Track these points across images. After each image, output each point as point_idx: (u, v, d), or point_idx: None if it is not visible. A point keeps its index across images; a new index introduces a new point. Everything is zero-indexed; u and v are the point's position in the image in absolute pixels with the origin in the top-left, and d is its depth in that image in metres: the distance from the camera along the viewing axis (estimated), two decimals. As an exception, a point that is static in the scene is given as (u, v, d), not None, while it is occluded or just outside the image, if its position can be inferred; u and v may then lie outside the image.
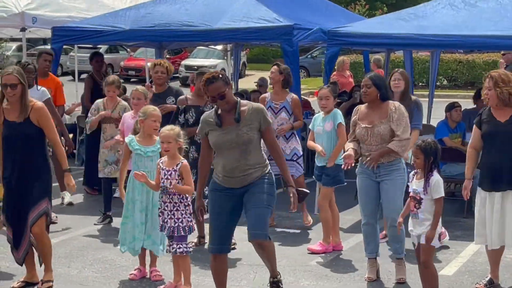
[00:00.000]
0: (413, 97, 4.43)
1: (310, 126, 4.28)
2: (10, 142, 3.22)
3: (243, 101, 3.01)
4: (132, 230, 3.47)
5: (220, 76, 2.88)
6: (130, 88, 8.95)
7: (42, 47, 20.07)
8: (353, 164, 3.46)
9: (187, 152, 4.18)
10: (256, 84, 7.21)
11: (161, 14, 6.20)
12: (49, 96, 5.04)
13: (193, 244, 4.11)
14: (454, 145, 5.28)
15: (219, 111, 2.88)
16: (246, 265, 3.82)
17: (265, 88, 6.97)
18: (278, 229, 4.52)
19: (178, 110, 4.29)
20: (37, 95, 4.49)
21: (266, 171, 2.95)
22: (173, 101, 4.70)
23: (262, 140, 2.96)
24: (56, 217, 4.65)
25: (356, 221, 4.78)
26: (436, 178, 2.96)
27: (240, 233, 3.38)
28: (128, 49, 19.48)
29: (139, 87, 4.70)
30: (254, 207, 2.87)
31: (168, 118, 4.20)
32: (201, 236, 4.24)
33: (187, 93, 5.14)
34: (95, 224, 4.84)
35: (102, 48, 14.81)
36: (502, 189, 3.21)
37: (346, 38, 5.67)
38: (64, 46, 7.89)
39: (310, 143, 4.24)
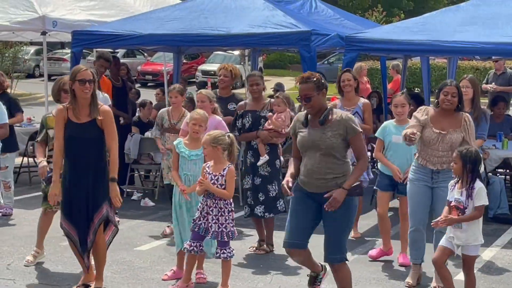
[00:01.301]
0: (483, 107, 4.36)
1: (378, 135, 4.03)
2: (73, 144, 3.16)
3: (335, 109, 3.02)
4: (182, 231, 3.52)
5: (314, 79, 2.85)
6: (147, 92, 9.10)
7: (60, 51, 20.64)
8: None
9: (244, 157, 4.25)
10: (272, 89, 7.27)
11: (180, 19, 6.30)
12: (110, 102, 4.89)
13: (254, 248, 4.18)
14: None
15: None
16: (263, 268, 3.86)
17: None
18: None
19: (237, 115, 4.23)
20: (102, 101, 4.44)
21: None
22: (234, 107, 4.56)
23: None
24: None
25: (372, 225, 4.83)
26: (479, 186, 2.98)
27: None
28: (145, 54, 19.68)
29: (203, 90, 4.67)
30: (332, 230, 2.85)
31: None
32: (261, 240, 4.24)
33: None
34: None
35: (120, 52, 15.00)
36: None
37: (364, 43, 5.72)
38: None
39: (379, 155, 4.01)
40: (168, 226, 4.51)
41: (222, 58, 18.14)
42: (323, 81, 2.91)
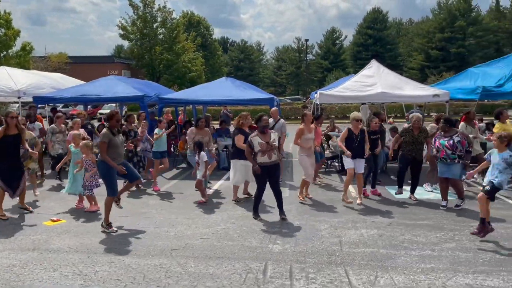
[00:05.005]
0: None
1: None
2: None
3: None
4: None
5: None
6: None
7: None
8: None
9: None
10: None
11: (88, 89, 13.97)
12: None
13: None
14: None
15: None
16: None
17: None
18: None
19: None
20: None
21: None
22: None
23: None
24: None
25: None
26: None
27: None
28: (72, 105, 28.38)
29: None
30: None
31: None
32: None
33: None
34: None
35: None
36: None
37: (167, 100, 13.70)
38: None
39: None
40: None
41: (109, 107, 31.10)
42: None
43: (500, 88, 10.62)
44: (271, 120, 11.03)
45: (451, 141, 7.87)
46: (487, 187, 6.22)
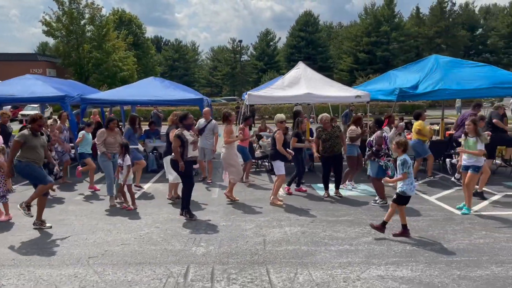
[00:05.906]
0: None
1: None
2: None
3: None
4: None
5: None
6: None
7: None
8: None
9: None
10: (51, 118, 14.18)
11: (7, 89, 12.93)
12: None
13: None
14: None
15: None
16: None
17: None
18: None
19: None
20: None
21: None
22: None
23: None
24: None
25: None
26: None
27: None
28: None
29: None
30: None
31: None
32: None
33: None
34: None
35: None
36: None
37: (89, 100, 13.08)
38: None
39: None
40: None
41: (31, 108, 31.03)
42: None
43: (415, 90, 11.36)
44: (203, 120, 10.95)
45: (368, 141, 8.42)
46: (394, 197, 6.50)
